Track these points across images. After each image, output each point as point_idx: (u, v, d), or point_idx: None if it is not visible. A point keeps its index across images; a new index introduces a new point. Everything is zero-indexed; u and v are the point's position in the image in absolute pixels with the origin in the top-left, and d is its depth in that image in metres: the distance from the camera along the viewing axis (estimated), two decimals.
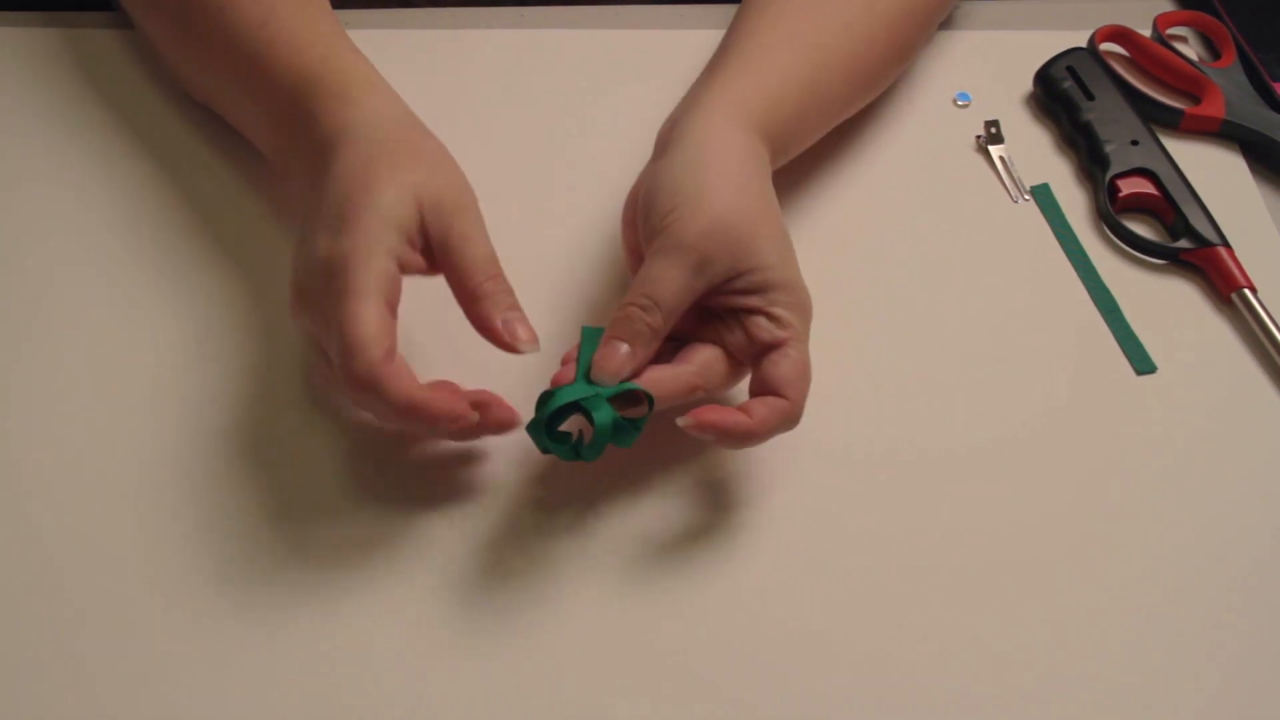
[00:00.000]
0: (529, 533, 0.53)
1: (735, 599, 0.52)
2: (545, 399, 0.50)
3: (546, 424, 0.50)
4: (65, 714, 0.48)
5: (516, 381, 0.54)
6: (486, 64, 0.71)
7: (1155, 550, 0.54)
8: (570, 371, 0.50)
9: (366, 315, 0.47)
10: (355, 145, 0.52)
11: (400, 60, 0.61)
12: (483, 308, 0.50)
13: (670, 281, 0.50)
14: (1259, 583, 0.53)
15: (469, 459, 0.55)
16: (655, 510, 0.54)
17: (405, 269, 0.50)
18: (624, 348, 0.50)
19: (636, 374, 0.51)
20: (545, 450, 0.51)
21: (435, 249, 0.51)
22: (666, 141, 0.55)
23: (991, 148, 0.68)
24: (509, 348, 0.50)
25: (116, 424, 0.56)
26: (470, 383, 0.52)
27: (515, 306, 0.51)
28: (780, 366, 0.51)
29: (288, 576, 0.52)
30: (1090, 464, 0.56)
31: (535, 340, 0.50)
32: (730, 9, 0.64)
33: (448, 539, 0.53)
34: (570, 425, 0.51)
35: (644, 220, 0.52)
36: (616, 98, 0.69)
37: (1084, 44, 0.71)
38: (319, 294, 0.49)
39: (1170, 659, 0.51)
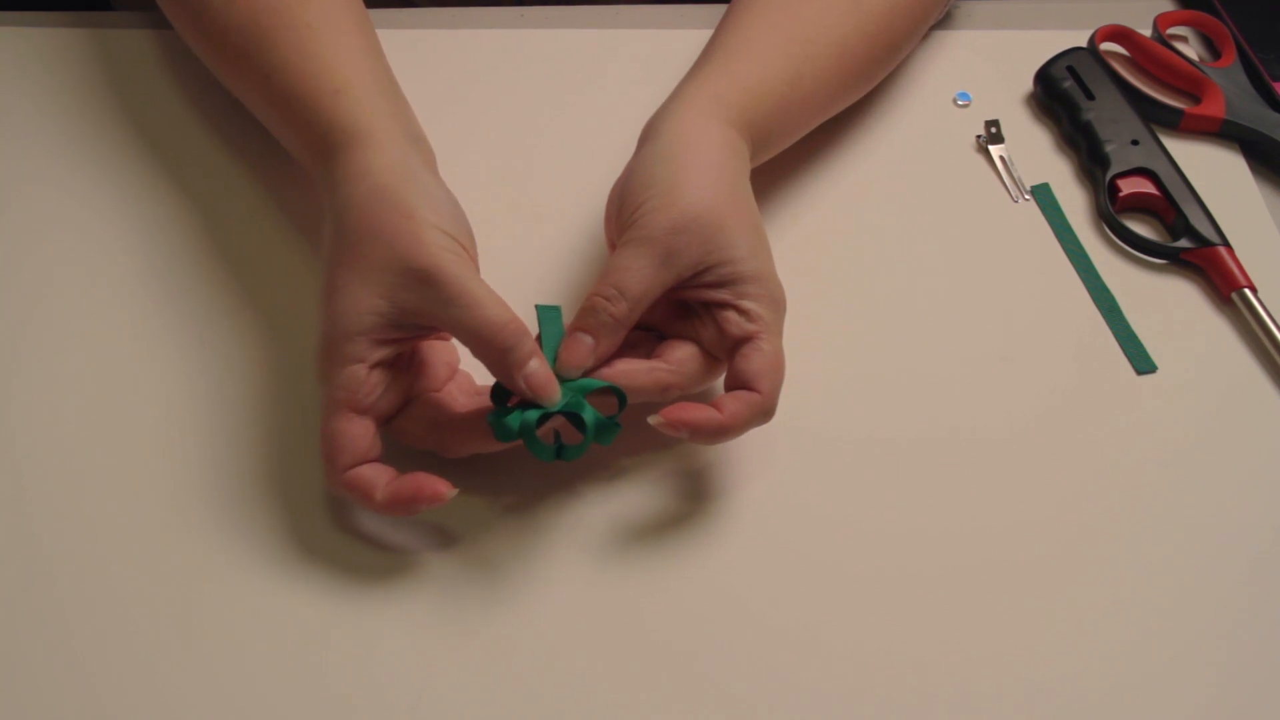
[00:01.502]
0: (513, 524, 0.54)
1: (719, 585, 0.52)
2: (502, 390, 0.50)
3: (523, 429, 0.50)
4: (69, 714, 0.48)
5: None
6: (486, 64, 0.71)
7: (1154, 550, 0.54)
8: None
9: (327, 431, 0.50)
10: (335, 221, 0.52)
11: (400, 60, 0.61)
12: (503, 369, 0.49)
13: (636, 272, 0.51)
14: (1259, 582, 0.53)
15: (450, 460, 0.55)
16: (637, 499, 0.54)
17: (384, 359, 0.50)
18: (587, 340, 0.51)
19: (601, 362, 0.51)
20: (505, 439, 0.50)
21: (428, 320, 0.50)
22: (645, 135, 0.56)
23: (992, 147, 0.68)
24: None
25: (116, 431, 0.56)
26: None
27: (529, 355, 0.49)
28: (752, 360, 0.51)
29: (283, 573, 0.52)
30: (1090, 463, 0.56)
31: (557, 389, 0.50)
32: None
33: (437, 535, 0.53)
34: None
35: (617, 213, 0.53)
36: (616, 97, 0.69)
37: (1084, 44, 0.71)
38: None
39: (1168, 659, 0.51)
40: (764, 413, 0.51)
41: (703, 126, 0.55)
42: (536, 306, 0.53)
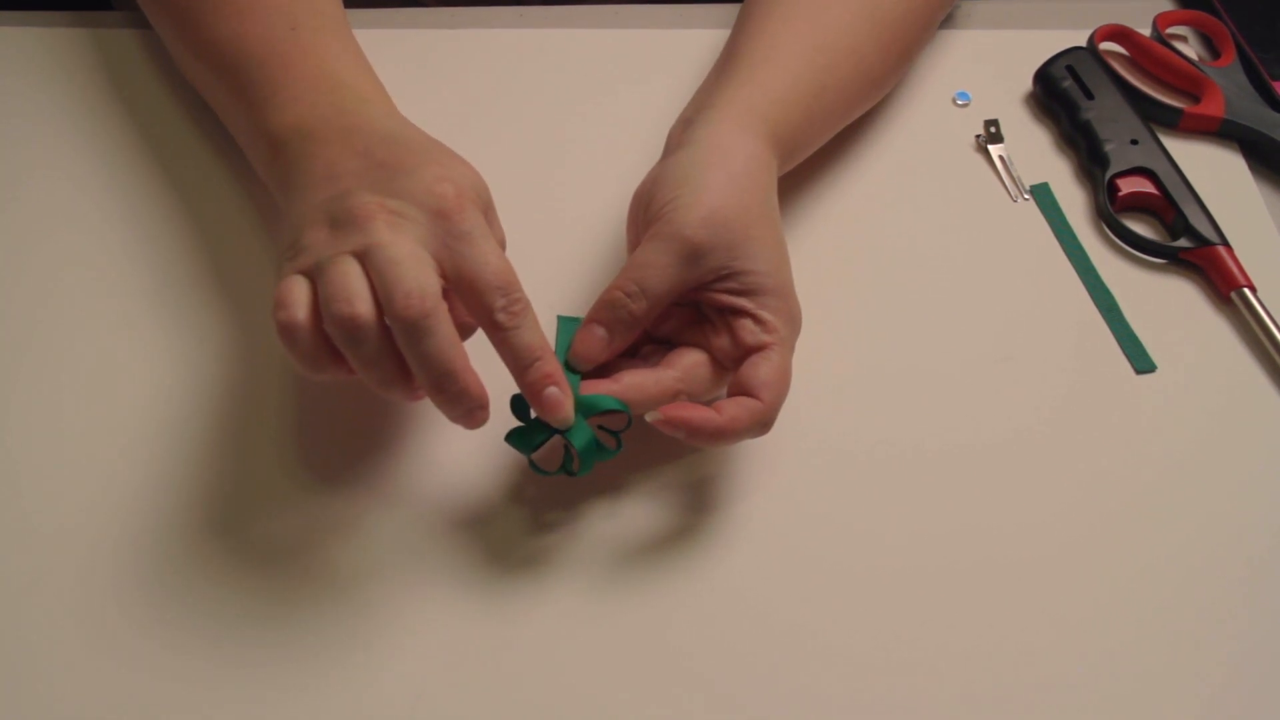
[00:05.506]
0: (517, 525, 0.54)
1: (724, 589, 0.52)
2: (520, 400, 0.51)
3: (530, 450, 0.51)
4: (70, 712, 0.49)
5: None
6: (486, 64, 0.71)
7: (1154, 550, 0.54)
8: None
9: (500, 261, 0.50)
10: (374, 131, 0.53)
11: (401, 60, 0.61)
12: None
13: (662, 269, 0.50)
14: (1258, 582, 0.53)
15: (459, 462, 0.55)
16: (643, 506, 0.54)
17: None
18: (601, 333, 0.51)
19: (613, 356, 0.52)
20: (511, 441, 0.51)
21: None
22: (678, 142, 0.55)
23: (991, 147, 0.68)
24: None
25: (113, 429, 0.56)
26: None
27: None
28: (760, 369, 0.50)
29: (281, 573, 0.52)
30: (1089, 463, 0.56)
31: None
32: (731, 9, 0.64)
33: (438, 535, 0.53)
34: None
35: (645, 209, 0.53)
36: (616, 98, 0.69)
37: (1084, 43, 0.71)
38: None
39: (1168, 659, 0.51)
40: (762, 423, 0.50)
41: (738, 138, 0.54)
42: (558, 317, 0.53)
